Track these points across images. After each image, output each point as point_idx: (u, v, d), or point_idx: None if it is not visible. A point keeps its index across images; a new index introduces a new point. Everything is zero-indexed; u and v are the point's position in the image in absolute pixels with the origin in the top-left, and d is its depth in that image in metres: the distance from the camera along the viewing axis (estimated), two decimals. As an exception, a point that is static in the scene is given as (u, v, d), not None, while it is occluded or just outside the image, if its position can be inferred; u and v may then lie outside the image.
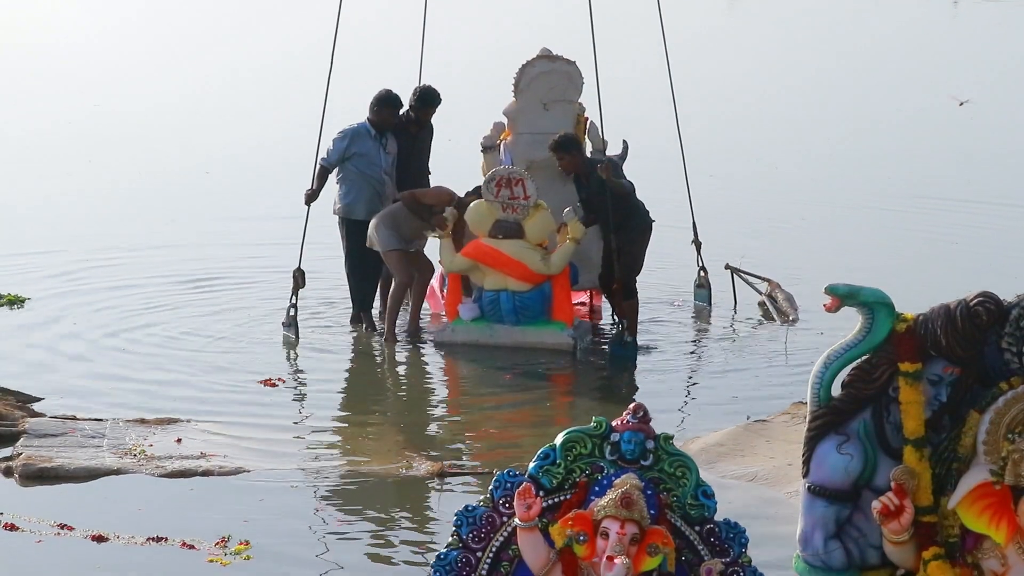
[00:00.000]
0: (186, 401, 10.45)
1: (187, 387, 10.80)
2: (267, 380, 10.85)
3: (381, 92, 12.38)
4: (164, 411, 10.13)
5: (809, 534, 7.19)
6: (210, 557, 7.61)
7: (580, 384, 11.08)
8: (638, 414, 6.17)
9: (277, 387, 10.74)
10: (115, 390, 10.67)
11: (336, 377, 11.14)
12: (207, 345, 12.00)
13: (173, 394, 10.61)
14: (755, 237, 16.26)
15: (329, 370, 11.32)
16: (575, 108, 12.54)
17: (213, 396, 10.58)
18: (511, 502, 6.07)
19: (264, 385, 10.75)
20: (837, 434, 7.12)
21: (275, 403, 10.47)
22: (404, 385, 10.93)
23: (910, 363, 6.97)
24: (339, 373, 11.25)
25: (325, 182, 12.36)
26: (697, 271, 13.43)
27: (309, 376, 11.19)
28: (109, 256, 15.17)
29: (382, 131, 12.25)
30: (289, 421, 10.07)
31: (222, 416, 10.10)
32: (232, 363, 11.47)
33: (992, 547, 6.64)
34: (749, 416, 10.21)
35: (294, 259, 12.26)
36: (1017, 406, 6.74)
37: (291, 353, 11.83)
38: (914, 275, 14.18)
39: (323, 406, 10.49)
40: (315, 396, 10.74)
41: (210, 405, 10.36)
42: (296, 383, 11.03)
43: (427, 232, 11.90)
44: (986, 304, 6.95)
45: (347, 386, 10.95)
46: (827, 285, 7.14)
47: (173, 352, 11.77)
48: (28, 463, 8.85)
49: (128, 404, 10.34)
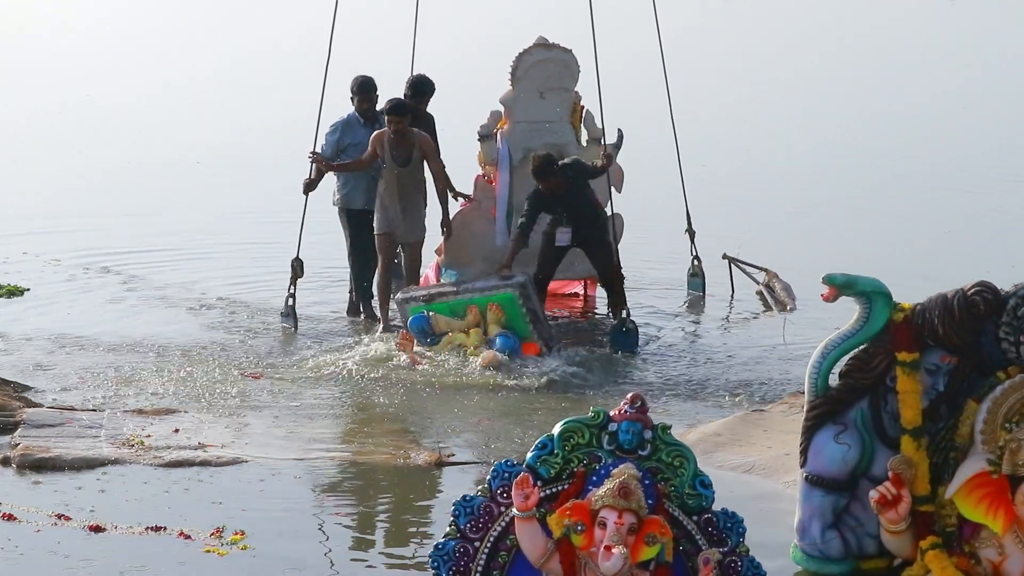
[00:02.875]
0: (183, 392, 10.45)
1: (184, 377, 10.79)
2: (252, 373, 10.83)
3: (356, 79, 12.36)
4: (161, 402, 10.14)
5: (807, 524, 7.21)
6: (207, 547, 7.61)
7: (577, 375, 11.06)
8: (636, 404, 6.17)
9: (260, 379, 10.72)
10: (112, 381, 10.67)
11: (333, 367, 11.12)
12: (205, 335, 12.00)
13: (170, 385, 10.60)
14: (752, 227, 16.25)
15: (326, 360, 11.31)
16: (571, 96, 12.55)
17: (210, 387, 10.57)
18: (509, 492, 6.08)
19: (249, 378, 10.73)
20: (835, 424, 7.14)
21: (272, 394, 10.46)
22: (401, 375, 10.92)
23: (907, 352, 6.98)
24: (336, 363, 11.23)
25: (323, 173, 12.34)
26: (691, 260, 13.43)
27: (305, 366, 11.18)
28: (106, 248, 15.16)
29: (372, 119, 12.22)
30: (286, 412, 10.06)
31: (219, 407, 10.09)
32: (229, 354, 11.46)
33: (989, 536, 6.65)
34: (747, 405, 10.22)
35: (288, 247, 12.26)
36: (1014, 395, 6.76)
37: (288, 343, 11.82)
38: (911, 264, 14.18)
39: (320, 396, 10.48)
40: (312, 386, 10.72)
41: (207, 396, 10.35)
42: (293, 373, 11.02)
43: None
44: (983, 294, 6.96)
45: (344, 376, 10.93)
46: (824, 275, 7.15)
47: (170, 342, 11.76)
48: (26, 453, 8.85)
49: (125, 395, 10.34)
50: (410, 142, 11.76)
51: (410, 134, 11.77)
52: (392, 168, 11.80)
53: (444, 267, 12.65)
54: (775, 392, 10.58)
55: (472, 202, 12.62)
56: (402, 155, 11.78)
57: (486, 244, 12.52)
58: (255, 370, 10.96)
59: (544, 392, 10.57)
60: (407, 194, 11.90)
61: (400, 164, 11.78)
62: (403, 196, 11.88)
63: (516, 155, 12.38)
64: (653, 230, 12.20)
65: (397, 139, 11.73)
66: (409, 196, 11.92)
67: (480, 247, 12.53)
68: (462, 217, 12.62)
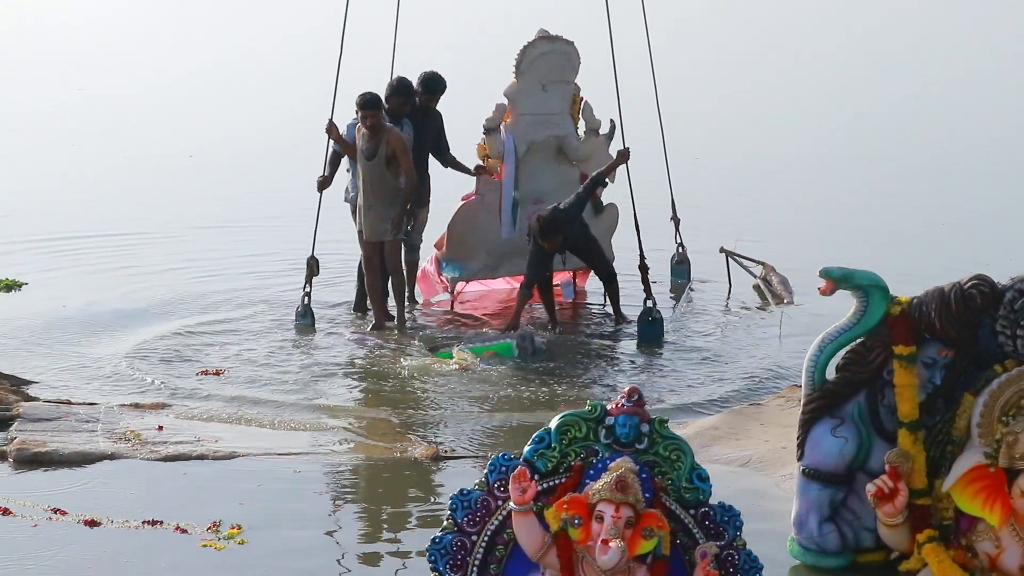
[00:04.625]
0: (181, 386, 10.44)
1: (182, 372, 10.79)
2: (210, 370, 10.79)
3: (393, 80, 12.35)
4: (159, 396, 10.13)
5: (804, 517, 7.22)
6: (204, 541, 7.60)
7: (573, 368, 11.07)
8: (633, 397, 6.17)
9: (220, 376, 10.69)
10: (109, 375, 10.67)
11: (330, 362, 11.13)
12: (205, 330, 12.00)
13: (168, 379, 10.60)
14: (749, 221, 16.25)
15: (323, 355, 11.31)
16: (571, 88, 12.55)
17: (208, 381, 10.57)
18: (506, 486, 6.08)
19: (205, 375, 10.70)
20: (832, 417, 7.14)
21: (270, 388, 10.46)
22: (398, 369, 10.92)
23: (904, 346, 6.99)
24: (333, 358, 11.23)
25: (337, 168, 12.30)
26: (676, 247, 13.47)
27: (302, 361, 11.18)
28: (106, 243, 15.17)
29: (395, 118, 12.17)
30: (283, 406, 10.06)
31: (217, 401, 10.09)
32: (229, 349, 11.46)
33: (986, 529, 6.65)
34: (744, 399, 10.22)
35: (287, 242, 12.26)
36: (1011, 388, 6.75)
37: (289, 339, 11.80)
38: (908, 258, 14.17)
39: (317, 391, 10.48)
40: (309, 380, 10.72)
41: (205, 390, 10.35)
42: (289, 368, 11.01)
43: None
44: (980, 287, 6.96)
45: (342, 371, 10.93)
46: (822, 268, 7.16)
47: (169, 337, 11.77)
48: (22, 447, 8.84)
49: (123, 389, 10.33)
50: (379, 137, 11.70)
51: (382, 129, 11.71)
52: (361, 161, 11.77)
53: (444, 261, 12.63)
54: (772, 386, 10.58)
55: (476, 195, 12.61)
56: (370, 148, 11.72)
57: (488, 238, 12.52)
58: (217, 367, 10.91)
59: (541, 386, 10.56)
60: (370, 189, 11.79)
61: (367, 158, 11.74)
62: (367, 191, 11.80)
63: (520, 147, 12.39)
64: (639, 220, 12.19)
65: (370, 133, 11.70)
66: (373, 191, 11.78)
67: (483, 241, 12.53)
68: (465, 211, 12.61)
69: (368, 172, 11.76)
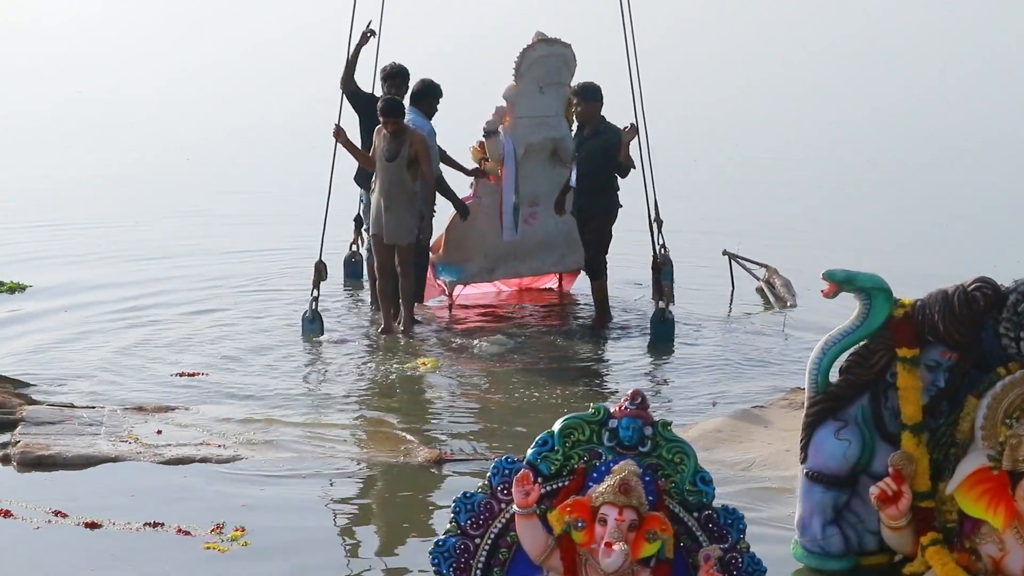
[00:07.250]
0: (184, 388, 10.45)
1: (185, 374, 10.78)
2: (187, 372, 10.79)
3: (424, 81, 12.36)
4: (162, 399, 10.13)
5: (807, 520, 7.21)
6: (207, 544, 7.60)
7: (576, 371, 11.07)
8: (636, 400, 6.17)
9: (196, 377, 10.69)
10: (113, 378, 10.67)
11: (335, 366, 11.12)
12: (205, 333, 12.00)
13: (170, 381, 10.60)
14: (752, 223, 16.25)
15: (328, 359, 11.31)
16: (566, 90, 12.55)
17: (211, 384, 10.57)
18: (509, 488, 6.07)
19: (182, 376, 10.71)
20: (835, 420, 7.13)
21: (274, 391, 10.46)
22: (402, 373, 10.91)
23: (908, 348, 6.98)
24: (338, 362, 11.23)
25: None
26: (659, 249, 13.46)
27: (307, 365, 11.18)
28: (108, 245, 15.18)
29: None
30: (286, 409, 10.05)
31: (220, 404, 10.09)
32: (229, 350, 11.47)
33: (990, 532, 6.64)
34: (747, 402, 10.21)
35: (285, 241, 12.25)
36: (1015, 391, 6.75)
37: (289, 340, 11.80)
38: (911, 260, 14.17)
39: (321, 394, 10.48)
40: (314, 384, 10.72)
41: (208, 393, 10.35)
42: (294, 372, 11.01)
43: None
44: (983, 289, 6.95)
45: (345, 375, 10.93)
46: (825, 271, 7.15)
47: (170, 340, 11.77)
48: (26, 451, 8.84)
49: (126, 392, 10.33)
50: (402, 140, 11.71)
51: (405, 132, 11.72)
52: (381, 161, 11.76)
53: (440, 265, 12.58)
54: (775, 388, 10.57)
55: (473, 198, 12.61)
56: (391, 150, 11.72)
57: (486, 240, 12.52)
58: (192, 369, 10.91)
59: (545, 388, 10.56)
60: (388, 190, 11.77)
61: (387, 159, 11.73)
62: (385, 192, 11.79)
63: (520, 150, 12.39)
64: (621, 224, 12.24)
65: (392, 135, 11.71)
66: (392, 193, 11.76)
67: (481, 244, 12.52)
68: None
69: (387, 173, 11.75)
